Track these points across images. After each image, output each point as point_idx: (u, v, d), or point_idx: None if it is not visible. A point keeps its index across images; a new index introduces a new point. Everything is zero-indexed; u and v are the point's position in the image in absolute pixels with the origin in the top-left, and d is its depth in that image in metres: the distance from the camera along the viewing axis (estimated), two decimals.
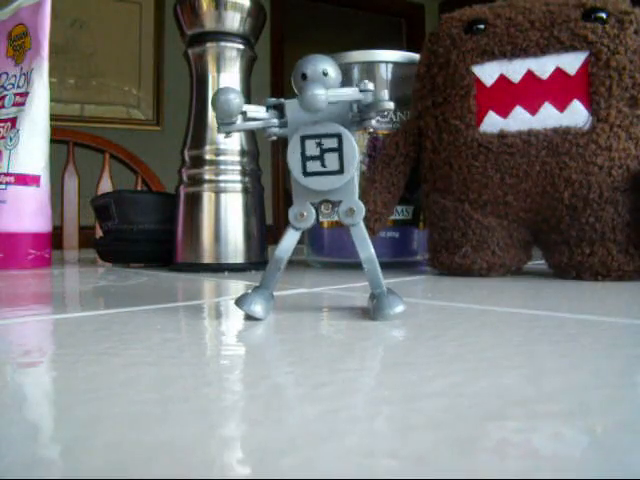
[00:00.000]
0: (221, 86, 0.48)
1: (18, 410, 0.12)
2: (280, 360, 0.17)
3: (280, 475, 0.09)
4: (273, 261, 0.24)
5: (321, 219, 0.49)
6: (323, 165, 0.23)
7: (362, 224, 0.24)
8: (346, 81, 0.38)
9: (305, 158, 0.23)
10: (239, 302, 0.23)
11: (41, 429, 0.11)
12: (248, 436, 0.11)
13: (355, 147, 0.22)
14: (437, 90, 0.41)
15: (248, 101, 0.24)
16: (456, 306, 0.26)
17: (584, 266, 0.37)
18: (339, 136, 0.22)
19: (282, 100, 0.24)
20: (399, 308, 0.23)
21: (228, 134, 0.24)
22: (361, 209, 0.23)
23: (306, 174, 0.23)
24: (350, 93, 0.22)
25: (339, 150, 0.22)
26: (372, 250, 0.24)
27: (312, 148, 0.23)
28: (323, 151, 0.22)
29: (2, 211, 0.50)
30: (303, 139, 0.23)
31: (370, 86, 0.22)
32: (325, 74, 0.22)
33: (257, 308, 0.23)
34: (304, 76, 0.22)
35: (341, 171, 0.22)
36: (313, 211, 0.24)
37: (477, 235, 0.39)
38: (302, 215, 0.24)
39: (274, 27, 2.50)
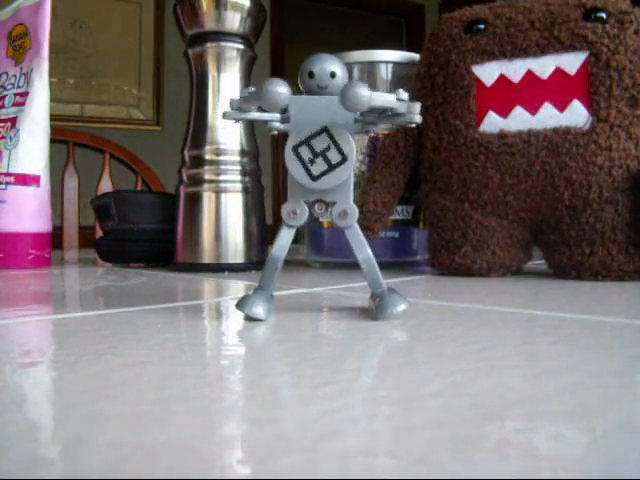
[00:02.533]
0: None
1: (18, 410, 0.12)
2: (280, 360, 0.17)
3: (280, 475, 0.09)
4: (270, 261, 0.24)
5: (319, 218, 0.49)
6: (327, 161, 0.22)
7: (356, 226, 0.23)
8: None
9: (306, 164, 0.23)
10: (240, 305, 0.23)
11: (41, 429, 0.11)
12: (248, 436, 0.11)
13: (348, 134, 0.22)
14: (437, 90, 0.41)
15: None
16: (456, 306, 0.26)
17: (584, 266, 0.37)
18: (326, 130, 0.22)
19: None
20: (402, 306, 0.23)
21: (237, 120, 0.24)
22: (355, 211, 0.23)
23: (314, 178, 0.23)
24: (390, 100, 0.22)
25: (334, 142, 0.22)
26: (369, 251, 0.23)
27: (306, 152, 0.23)
28: (321, 153, 0.22)
29: (2, 211, 0.50)
30: (295, 148, 0.23)
31: (405, 96, 0.22)
32: (333, 74, 0.22)
33: (259, 310, 0.23)
34: (311, 74, 0.22)
35: (344, 159, 0.22)
36: (306, 209, 0.24)
37: (477, 235, 0.39)
38: (295, 212, 0.24)
39: (274, 27, 2.50)
